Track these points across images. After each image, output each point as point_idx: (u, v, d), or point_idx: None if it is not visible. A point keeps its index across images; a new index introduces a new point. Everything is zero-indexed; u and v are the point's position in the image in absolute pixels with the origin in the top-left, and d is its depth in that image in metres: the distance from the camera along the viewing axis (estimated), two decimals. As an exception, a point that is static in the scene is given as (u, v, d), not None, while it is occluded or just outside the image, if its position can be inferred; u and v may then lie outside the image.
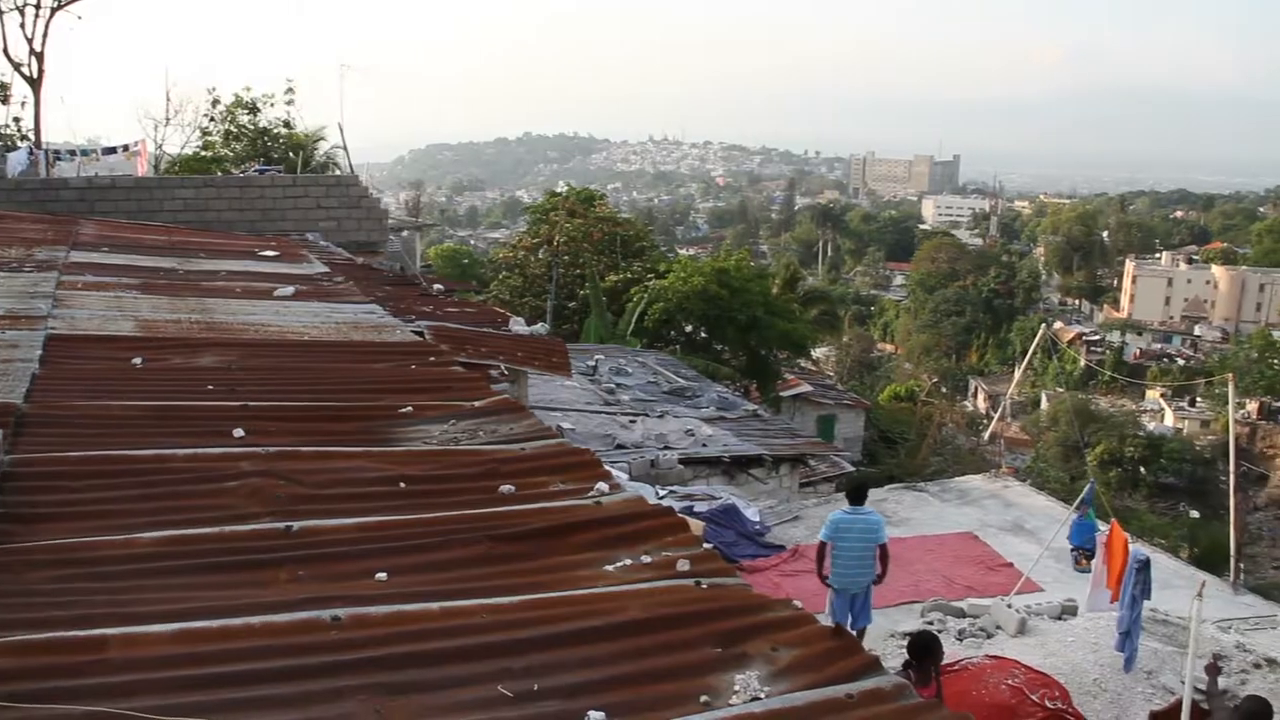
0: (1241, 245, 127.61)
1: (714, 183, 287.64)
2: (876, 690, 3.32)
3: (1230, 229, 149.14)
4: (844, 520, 11.85)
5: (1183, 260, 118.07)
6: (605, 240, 40.25)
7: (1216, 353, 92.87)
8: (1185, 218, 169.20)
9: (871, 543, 11.83)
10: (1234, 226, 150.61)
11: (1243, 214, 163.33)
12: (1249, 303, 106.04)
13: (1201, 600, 9.08)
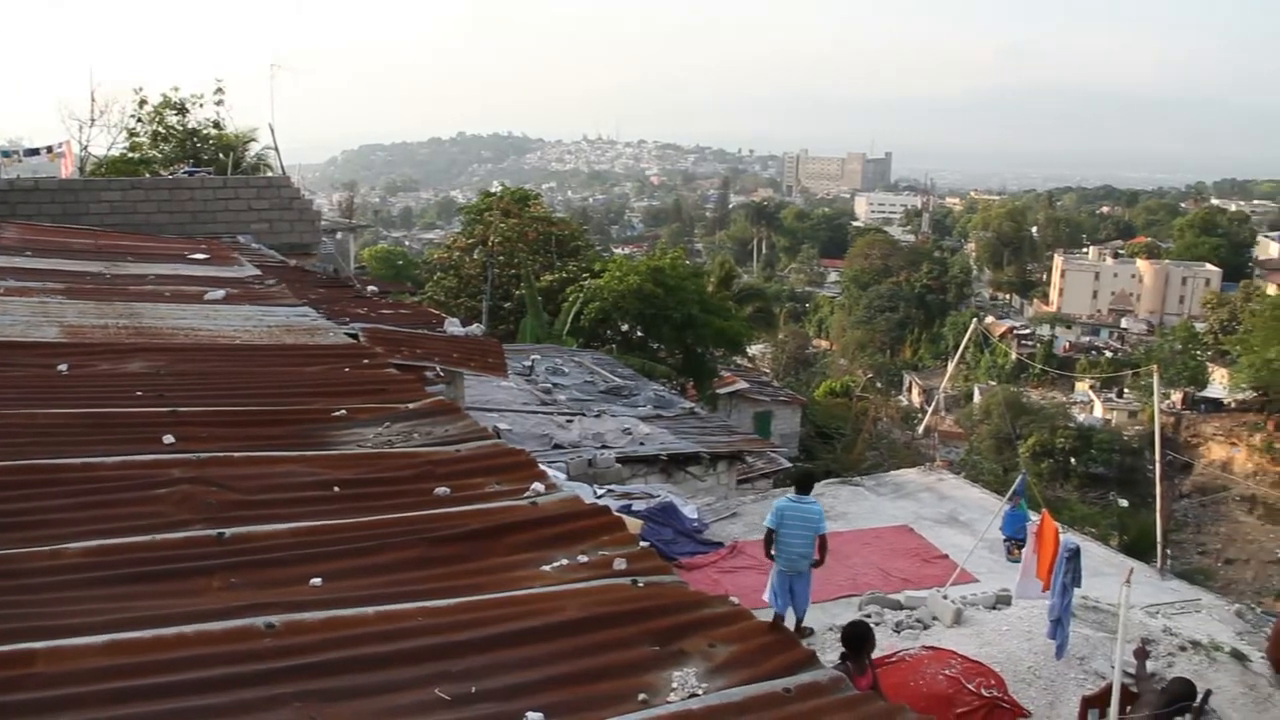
0: (1164, 240, 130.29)
1: (649, 182, 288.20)
2: (813, 684, 3.35)
3: (1154, 224, 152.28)
4: (788, 508, 12.42)
5: (1109, 255, 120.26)
6: (540, 240, 40.16)
7: (1142, 345, 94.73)
8: (1111, 213, 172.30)
9: (812, 532, 12.30)
10: (1157, 221, 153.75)
11: (1165, 209, 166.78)
12: (1172, 295, 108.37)
13: (1129, 587, 9.27)
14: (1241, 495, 60.70)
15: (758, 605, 12.90)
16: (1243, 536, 57.71)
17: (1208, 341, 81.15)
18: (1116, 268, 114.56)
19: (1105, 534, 33.31)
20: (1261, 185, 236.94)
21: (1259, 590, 48.22)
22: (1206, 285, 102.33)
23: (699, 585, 13.36)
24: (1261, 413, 64.94)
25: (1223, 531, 58.78)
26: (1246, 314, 77.02)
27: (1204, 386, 74.64)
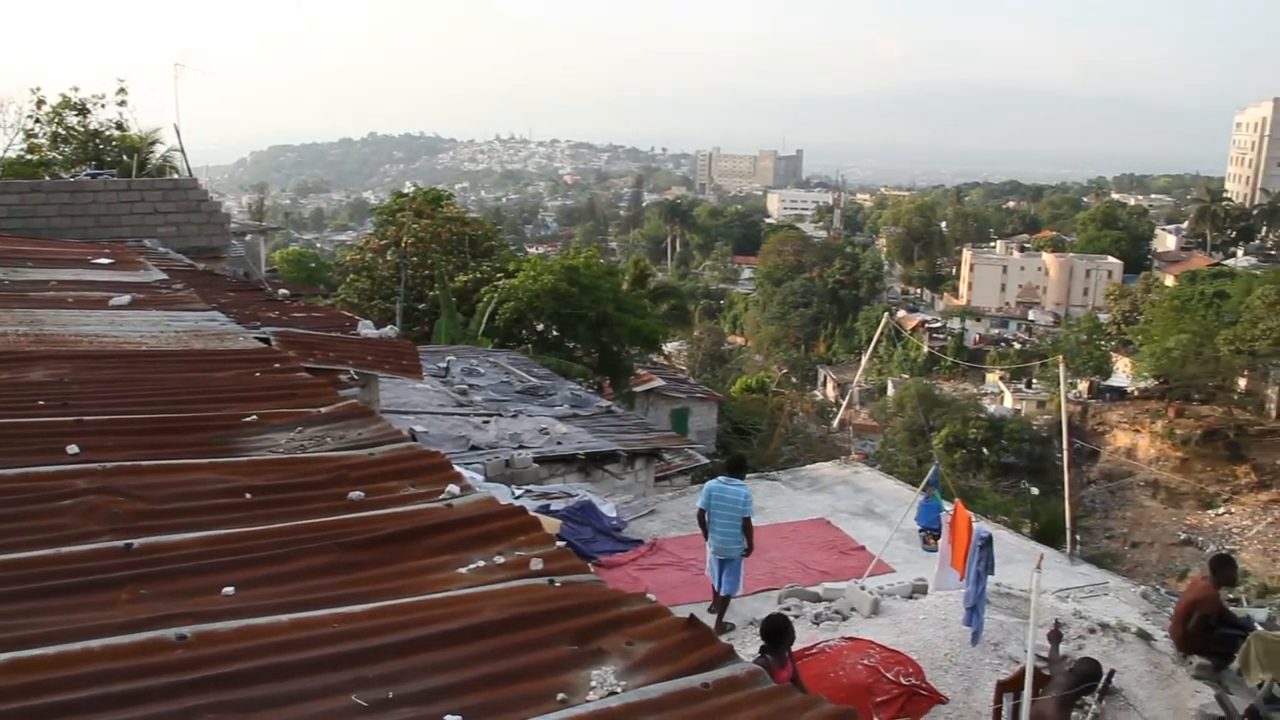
0: (1068, 233, 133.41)
1: (562, 181, 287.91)
2: (732, 678, 3.37)
3: (1058, 218, 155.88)
4: (716, 489, 12.86)
5: (1015, 248, 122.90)
6: (454, 240, 39.90)
7: (1049, 336, 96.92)
8: (1017, 208, 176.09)
9: (737, 514, 12.64)
10: (1061, 215, 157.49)
11: (1069, 204, 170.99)
12: (1077, 287, 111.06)
13: (1040, 573, 9.47)
14: (1145, 480, 62.33)
15: (677, 601, 12.98)
16: (1147, 520, 59.27)
17: (1111, 332, 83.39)
18: (1023, 261, 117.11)
19: (1017, 522, 34.00)
20: (1158, 180, 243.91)
21: (1163, 572, 49.55)
22: (1109, 277, 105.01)
23: (619, 583, 13.40)
24: (1163, 400, 66.73)
25: (1129, 516, 60.32)
26: (1147, 305, 79.32)
27: (1108, 376, 76.56)
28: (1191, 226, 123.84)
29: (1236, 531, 55.98)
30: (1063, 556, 17.77)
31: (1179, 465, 61.98)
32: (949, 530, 12.48)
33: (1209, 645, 11.92)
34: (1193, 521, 58.12)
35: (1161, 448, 63.88)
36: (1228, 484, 60.00)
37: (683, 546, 15.78)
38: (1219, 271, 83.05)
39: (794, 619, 12.40)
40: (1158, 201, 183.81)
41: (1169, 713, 11.09)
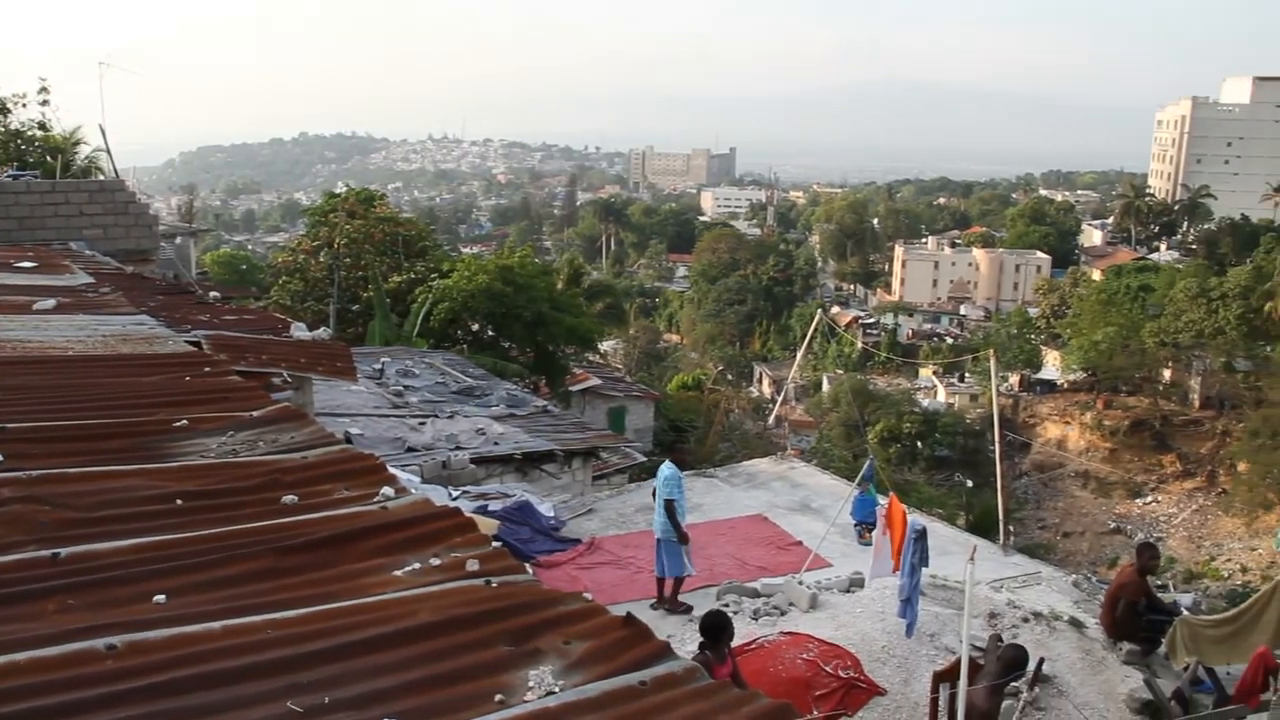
0: (998, 229, 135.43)
1: (496, 180, 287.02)
2: (669, 675, 3.38)
3: (988, 214, 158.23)
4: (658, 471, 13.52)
5: (946, 244, 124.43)
6: (387, 241, 39.56)
7: (981, 330, 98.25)
8: (947, 204, 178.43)
9: (662, 494, 13.07)
10: (991, 212, 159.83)
11: (998, 200, 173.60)
12: (1007, 282, 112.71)
13: (974, 564, 9.60)
14: (1076, 471, 63.47)
15: (616, 600, 13.01)
16: (1078, 510, 60.37)
17: (1041, 326, 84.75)
18: (954, 257, 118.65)
19: (952, 514, 34.46)
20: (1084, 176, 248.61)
21: (1094, 560, 50.54)
22: (1038, 272, 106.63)
23: (557, 583, 13.39)
24: (1091, 392, 67.98)
25: (1060, 506, 61.40)
26: (1075, 299, 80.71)
27: (1039, 369, 77.81)
28: (1116, 222, 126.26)
29: (1163, 519, 57.22)
30: (996, 548, 18.04)
31: (1108, 456, 63.19)
32: (884, 523, 12.62)
33: (1137, 631, 12.19)
34: (1122, 510, 59.30)
35: (1091, 439, 65.07)
36: (1154, 473, 61.32)
37: (621, 545, 15.82)
38: (1143, 266, 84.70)
39: (733, 615, 12.48)
40: (1084, 198, 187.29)
41: (1100, 698, 11.31)
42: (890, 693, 11.05)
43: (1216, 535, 53.83)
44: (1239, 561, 50.36)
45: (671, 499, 13.11)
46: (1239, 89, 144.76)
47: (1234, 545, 52.01)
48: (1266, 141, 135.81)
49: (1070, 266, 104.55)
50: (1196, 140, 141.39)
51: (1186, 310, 64.53)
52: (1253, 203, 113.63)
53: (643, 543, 15.97)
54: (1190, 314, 64.14)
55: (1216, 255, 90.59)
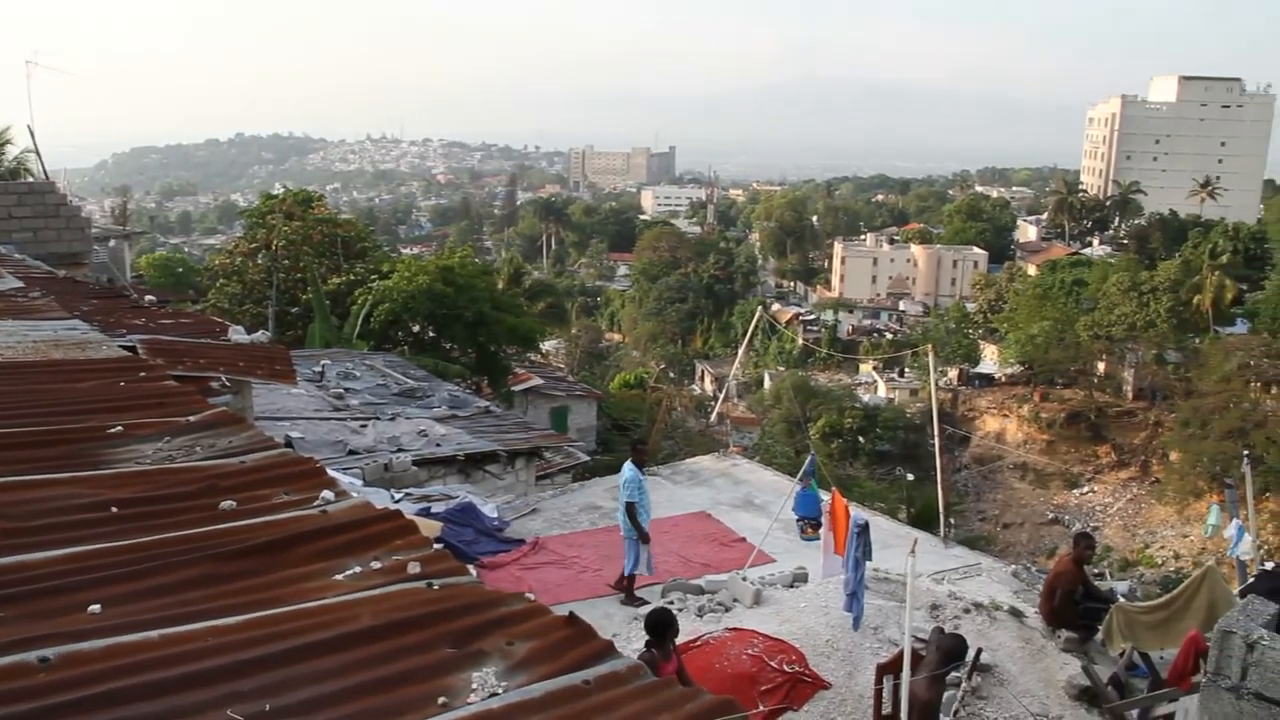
0: (935, 225, 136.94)
1: (435, 180, 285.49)
2: (613, 674, 3.39)
3: (925, 211, 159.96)
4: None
5: (885, 241, 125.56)
6: (326, 242, 39.18)
7: (919, 326, 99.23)
8: (885, 201, 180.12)
9: (622, 497, 13.49)
10: (928, 208, 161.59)
11: (935, 197, 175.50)
12: (944, 278, 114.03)
13: (915, 557, 9.69)
14: (1014, 463, 64.30)
15: (561, 600, 13.00)
16: (1017, 502, 61.19)
17: (978, 321, 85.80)
18: (893, 253, 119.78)
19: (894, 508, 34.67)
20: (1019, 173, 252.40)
21: (1033, 550, 51.24)
22: (975, 268, 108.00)
23: (502, 583, 13.36)
24: (1028, 385, 68.91)
25: (999, 498, 62.19)
26: (1011, 294, 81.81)
27: (977, 363, 78.76)
28: (1050, 217, 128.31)
29: (1099, 509, 58.16)
30: (937, 540, 18.25)
31: (1045, 448, 64.11)
32: (828, 519, 12.71)
33: (1075, 619, 12.41)
34: (1059, 501, 60.19)
35: (1028, 431, 65.97)
36: (1090, 464, 62.31)
37: (565, 544, 15.80)
38: (1077, 260, 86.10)
39: (678, 612, 12.50)
40: (1018, 194, 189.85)
41: (1040, 685, 11.48)
42: (835, 686, 11.14)
43: (1150, 523, 54.82)
44: (1172, 549, 51.35)
45: (632, 501, 13.37)
46: (1166, 88, 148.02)
47: (1167, 533, 52.99)
48: (1192, 139, 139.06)
49: (1006, 262, 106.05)
50: (1126, 138, 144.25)
51: (1119, 304, 65.72)
52: (1180, 198, 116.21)
53: (586, 542, 15.99)
54: (1122, 307, 65.34)
55: (1147, 250, 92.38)
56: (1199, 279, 66.24)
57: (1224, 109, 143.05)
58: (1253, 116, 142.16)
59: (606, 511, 17.78)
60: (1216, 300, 66.00)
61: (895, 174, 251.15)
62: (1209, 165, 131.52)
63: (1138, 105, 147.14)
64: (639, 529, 13.37)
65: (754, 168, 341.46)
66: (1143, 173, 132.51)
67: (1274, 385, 52.14)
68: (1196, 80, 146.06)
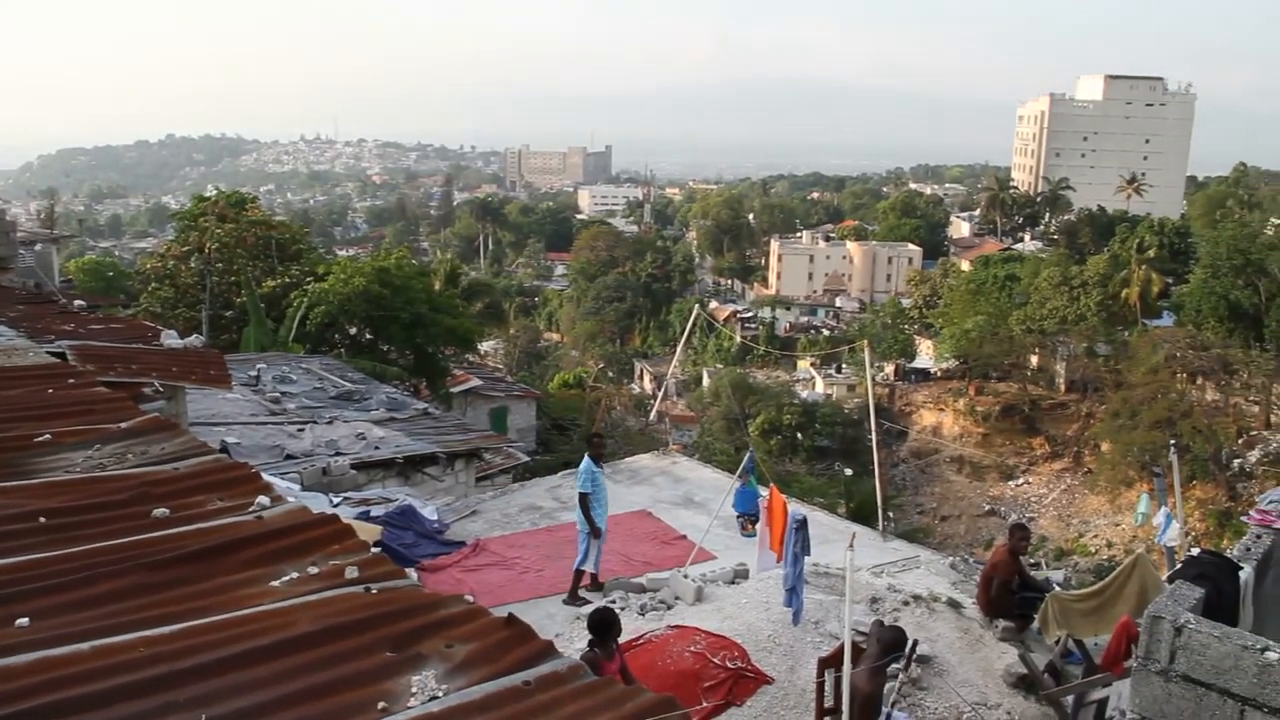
0: (870, 222, 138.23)
1: (370, 181, 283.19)
2: (553, 674, 3.39)
3: (860, 208, 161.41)
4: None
5: (821, 238, 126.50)
6: (260, 244, 38.70)
7: (856, 322, 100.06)
8: (820, 199, 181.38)
9: (577, 489, 13.64)
10: (863, 206, 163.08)
11: (869, 194, 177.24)
12: (880, 274, 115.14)
13: (853, 551, 9.75)
14: (951, 457, 65.01)
15: (503, 601, 12.95)
16: (954, 494, 61.84)
17: (914, 316, 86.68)
18: (828, 250, 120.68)
19: (833, 503, 34.89)
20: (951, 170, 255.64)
21: (970, 542, 51.82)
22: (909, 264, 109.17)
23: (443, 586, 13.28)
24: (963, 379, 69.68)
25: (937, 491, 62.81)
26: (945, 289, 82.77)
27: (913, 358, 79.55)
28: (983, 213, 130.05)
29: (1035, 500, 58.95)
30: (876, 534, 18.38)
31: (981, 440, 64.85)
32: (766, 515, 12.77)
33: (1011, 609, 12.60)
34: (995, 493, 60.91)
35: (964, 424, 66.71)
36: (1025, 456, 63.13)
37: (506, 545, 15.74)
38: (1009, 256, 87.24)
39: (620, 611, 12.50)
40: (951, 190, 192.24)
41: (978, 675, 11.62)
42: (778, 681, 11.19)
43: (1084, 513, 55.65)
44: (1105, 537, 52.19)
45: (584, 492, 13.43)
46: (1093, 86, 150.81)
47: (1100, 522, 53.84)
48: (1118, 136, 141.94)
49: (940, 258, 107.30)
50: (1055, 135, 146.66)
51: (1050, 298, 66.73)
52: (1108, 194, 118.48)
53: (528, 543, 15.93)
54: (1054, 302, 66.37)
55: (1077, 245, 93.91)
56: (1127, 273, 67.41)
57: (1148, 107, 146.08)
58: (1175, 115, 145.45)
59: (547, 511, 17.74)
60: (1144, 294, 67.18)
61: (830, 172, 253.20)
62: (1134, 162, 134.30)
63: (1066, 103, 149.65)
64: (590, 522, 13.34)
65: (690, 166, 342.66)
66: (1071, 169, 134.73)
67: (1199, 376, 53.19)
68: (1121, 79, 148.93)
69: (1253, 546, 7.88)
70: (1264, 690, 5.65)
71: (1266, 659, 5.64)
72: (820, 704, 9.72)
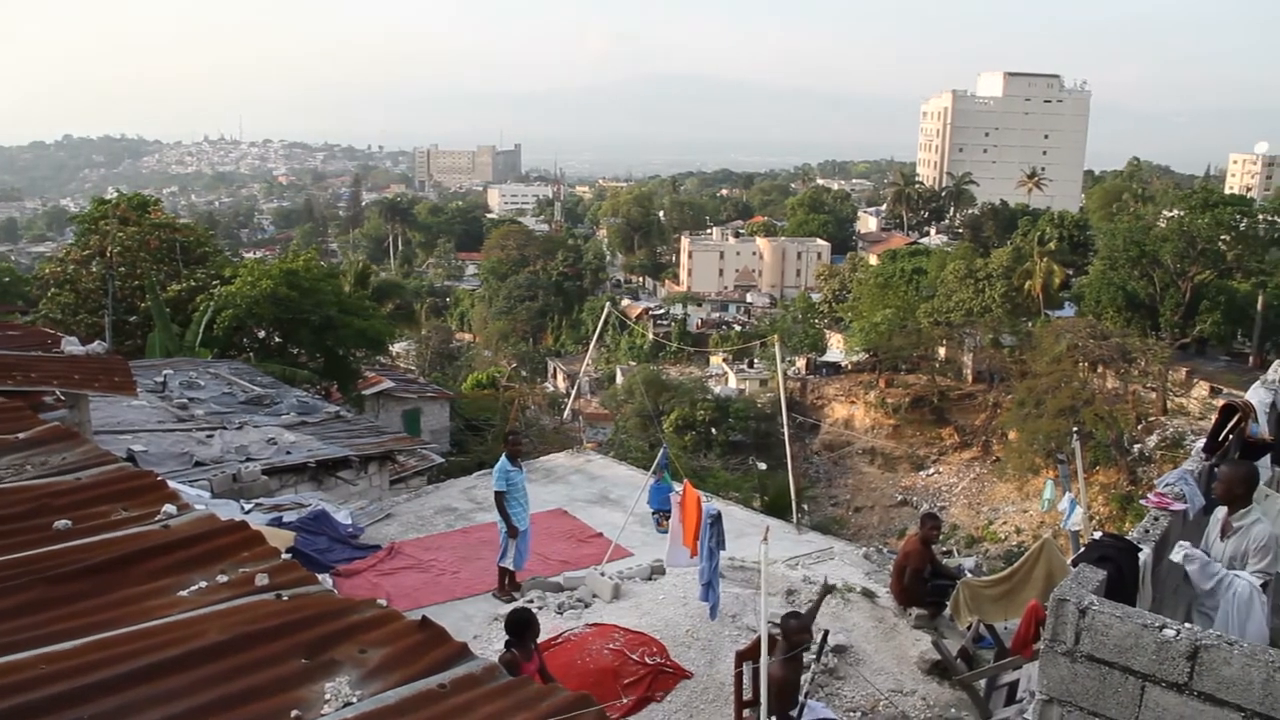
0: (779, 218, 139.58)
1: (277, 182, 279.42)
2: (469, 676, 3.37)
3: (769, 204, 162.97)
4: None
5: (731, 235, 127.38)
6: (164, 248, 37.87)
7: (767, 317, 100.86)
8: (730, 195, 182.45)
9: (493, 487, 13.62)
10: (772, 202, 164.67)
11: (778, 190, 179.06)
12: (789, 269, 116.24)
13: (767, 544, 9.84)
14: (863, 448, 65.89)
15: (420, 604, 12.87)
16: (867, 485, 62.68)
17: (824, 310, 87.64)
18: (739, 246, 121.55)
19: (748, 497, 35.19)
20: (858, 166, 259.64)
21: (884, 532, 52.58)
22: (819, 259, 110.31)
23: (358, 591, 13.15)
24: (874, 372, 70.65)
25: (850, 483, 63.60)
26: (854, 283, 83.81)
27: (824, 352, 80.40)
28: (889, 208, 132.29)
29: (945, 489, 60.01)
30: (791, 527, 18.58)
31: (892, 432, 65.83)
32: (679, 510, 12.84)
33: (924, 596, 12.85)
34: (907, 483, 61.87)
35: (875, 416, 67.64)
36: (935, 446, 64.22)
37: (421, 548, 15.62)
38: (916, 250, 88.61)
39: (537, 611, 12.49)
40: (858, 186, 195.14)
41: (894, 662, 11.82)
42: (696, 675, 11.26)
43: (993, 500, 56.78)
44: (1014, 523, 53.31)
45: (500, 490, 13.39)
46: (993, 83, 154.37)
47: (1008, 509, 54.98)
48: (1018, 132, 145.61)
49: (849, 252, 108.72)
50: (958, 131, 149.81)
51: (956, 291, 67.99)
52: (1009, 188, 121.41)
53: (443, 544, 15.83)
54: (960, 294, 67.63)
55: (981, 238, 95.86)
56: (1029, 265, 68.91)
57: (1046, 104, 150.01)
58: (1072, 111, 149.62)
59: (463, 513, 17.65)
60: (1046, 285, 68.68)
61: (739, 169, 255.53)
62: (1034, 157, 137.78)
63: (968, 100, 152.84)
64: (507, 520, 13.31)
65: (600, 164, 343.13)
66: (974, 164, 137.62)
67: (1100, 365, 54.61)
68: (1020, 76, 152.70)
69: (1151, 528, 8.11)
70: (1162, 666, 5.83)
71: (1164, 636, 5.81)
72: (739, 696, 9.80)
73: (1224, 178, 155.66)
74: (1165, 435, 50.69)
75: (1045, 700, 6.34)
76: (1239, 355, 63.87)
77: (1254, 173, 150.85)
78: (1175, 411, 54.24)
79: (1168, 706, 5.83)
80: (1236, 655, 5.61)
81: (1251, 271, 64.32)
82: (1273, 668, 5.52)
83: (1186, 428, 49.87)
